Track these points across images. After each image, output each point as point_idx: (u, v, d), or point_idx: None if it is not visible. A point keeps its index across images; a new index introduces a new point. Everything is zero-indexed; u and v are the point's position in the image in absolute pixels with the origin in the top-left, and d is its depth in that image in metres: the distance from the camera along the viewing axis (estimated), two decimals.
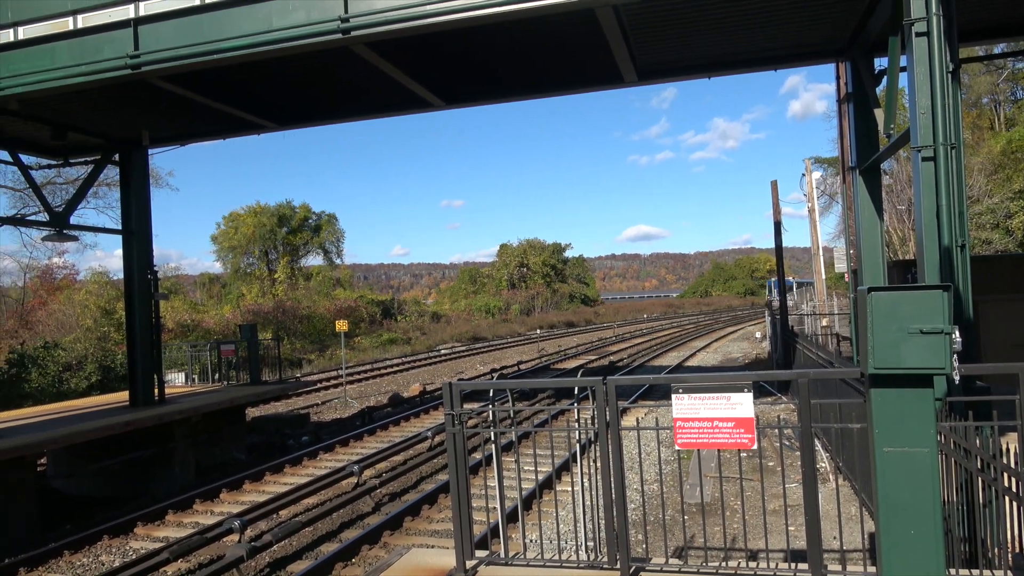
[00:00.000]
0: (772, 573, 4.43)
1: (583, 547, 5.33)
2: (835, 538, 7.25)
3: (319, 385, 25.33)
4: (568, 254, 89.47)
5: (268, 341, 21.37)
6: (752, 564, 4.60)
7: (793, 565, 4.48)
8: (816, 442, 9.92)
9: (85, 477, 12.52)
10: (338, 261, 61.85)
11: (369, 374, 29.36)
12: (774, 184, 23.60)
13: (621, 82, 11.94)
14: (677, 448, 4.42)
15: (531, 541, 8.41)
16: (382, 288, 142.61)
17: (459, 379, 20.90)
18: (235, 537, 9.13)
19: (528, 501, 9.74)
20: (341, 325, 23.19)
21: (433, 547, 8.46)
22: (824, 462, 10.69)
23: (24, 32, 10.12)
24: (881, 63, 10.59)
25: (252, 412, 18.85)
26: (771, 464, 11.48)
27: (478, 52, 11.22)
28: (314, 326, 43.13)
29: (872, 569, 4.36)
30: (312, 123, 14.50)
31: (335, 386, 25.27)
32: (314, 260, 60.10)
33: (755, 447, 4.24)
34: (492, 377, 26.14)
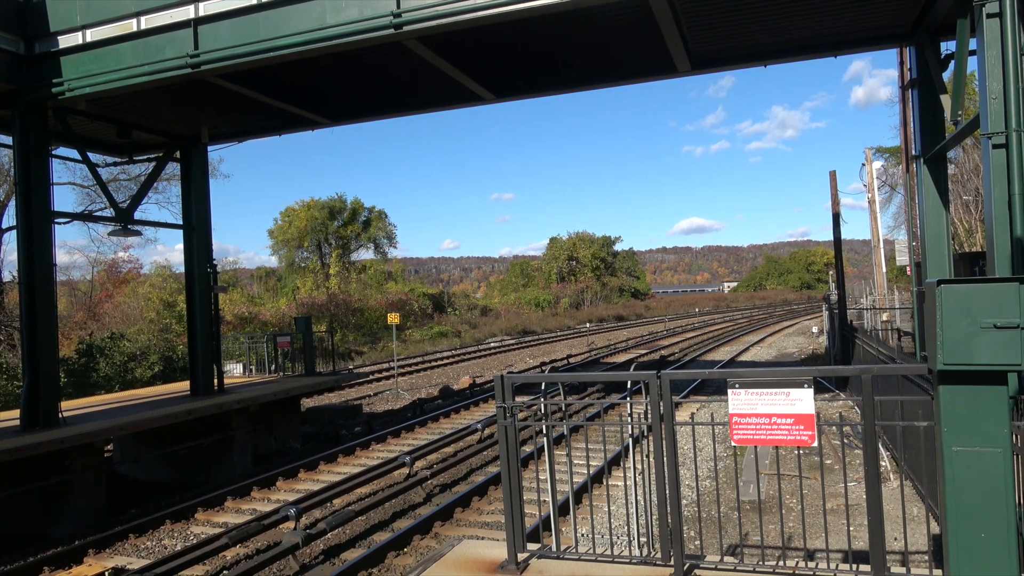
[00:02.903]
0: (832, 574, 4.31)
1: (635, 542, 5.28)
2: (896, 539, 7.03)
3: (371, 377, 25.73)
4: (618, 247, 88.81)
5: (322, 333, 21.77)
6: (811, 564, 4.48)
7: (854, 566, 4.34)
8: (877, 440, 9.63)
9: (149, 463, 12.99)
10: (392, 253, 62.63)
11: (420, 366, 29.70)
12: (833, 174, 22.96)
13: (674, 72, 11.74)
14: (733, 444, 4.33)
15: (582, 535, 8.39)
16: (432, 282, 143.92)
17: (509, 372, 20.94)
18: (291, 524, 9.35)
19: (579, 495, 9.70)
20: (393, 318, 23.50)
21: (484, 539, 8.49)
22: (886, 461, 10.37)
23: (91, 35, 10.53)
24: (948, 47, 10.16)
25: (307, 403, 19.26)
26: (828, 462, 11.19)
27: (527, 45, 11.18)
28: (366, 319, 43.80)
29: (937, 572, 4.20)
30: (365, 118, 14.68)
31: (387, 378, 25.65)
32: (365, 254, 61.01)
33: (815, 444, 4.13)
34: (542, 370, 26.14)
